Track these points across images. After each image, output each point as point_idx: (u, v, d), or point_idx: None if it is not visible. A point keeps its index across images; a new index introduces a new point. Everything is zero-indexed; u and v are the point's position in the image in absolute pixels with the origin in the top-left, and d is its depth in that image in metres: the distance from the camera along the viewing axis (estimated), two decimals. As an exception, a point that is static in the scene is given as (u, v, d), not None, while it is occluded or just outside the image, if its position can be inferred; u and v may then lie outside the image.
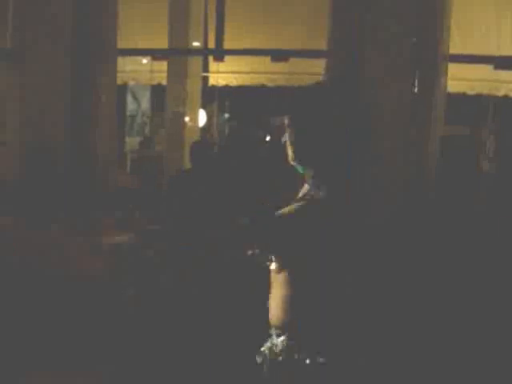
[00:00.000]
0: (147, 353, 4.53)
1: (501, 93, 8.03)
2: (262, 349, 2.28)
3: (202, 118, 8.89)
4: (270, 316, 2.27)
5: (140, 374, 4.43)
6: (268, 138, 11.07)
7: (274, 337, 2.24)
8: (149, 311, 4.77)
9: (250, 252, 2.24)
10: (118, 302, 4.84)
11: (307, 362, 2.12)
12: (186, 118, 8.49)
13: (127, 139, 10.63)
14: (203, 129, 9.11)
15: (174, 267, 4.79)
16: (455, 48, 6.63)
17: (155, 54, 8.16)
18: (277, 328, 2.24)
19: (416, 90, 6.32)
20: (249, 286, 4.41)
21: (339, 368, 2.16)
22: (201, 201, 5.31)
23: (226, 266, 4.60)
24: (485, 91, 8.20)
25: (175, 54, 8.38)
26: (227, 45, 8.48)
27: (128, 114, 11.22)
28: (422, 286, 4.08)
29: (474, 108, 9.09)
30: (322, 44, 6.60)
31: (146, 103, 11.22)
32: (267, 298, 2.31)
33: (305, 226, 2.10)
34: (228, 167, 7.16)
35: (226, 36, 8.49)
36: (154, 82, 9.30)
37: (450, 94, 6.94)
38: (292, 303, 2.18)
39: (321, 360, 2.12)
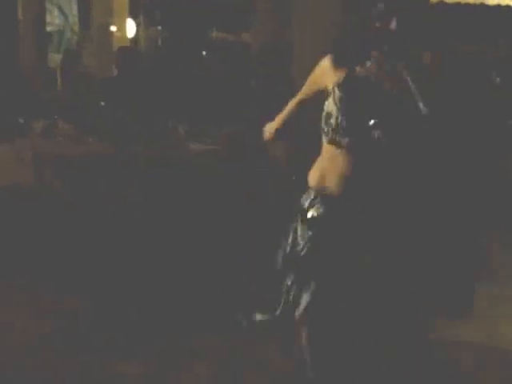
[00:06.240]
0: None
1: None
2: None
3: (131, 28, 8.63)
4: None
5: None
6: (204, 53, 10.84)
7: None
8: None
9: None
10: (46, 211, 4.78)
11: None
12: (114, 29, 8.23)
13: (56, 55, 10.22)
14: (132, 40, 8.86)
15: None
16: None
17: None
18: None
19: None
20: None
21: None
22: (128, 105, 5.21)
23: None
24: None
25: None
26: None
27: (55, 29, 10.76)
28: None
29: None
30: None
31: (74, 17, 10.77)
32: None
33: None
34: (156, 74, 6.99)
35: None
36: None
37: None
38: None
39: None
